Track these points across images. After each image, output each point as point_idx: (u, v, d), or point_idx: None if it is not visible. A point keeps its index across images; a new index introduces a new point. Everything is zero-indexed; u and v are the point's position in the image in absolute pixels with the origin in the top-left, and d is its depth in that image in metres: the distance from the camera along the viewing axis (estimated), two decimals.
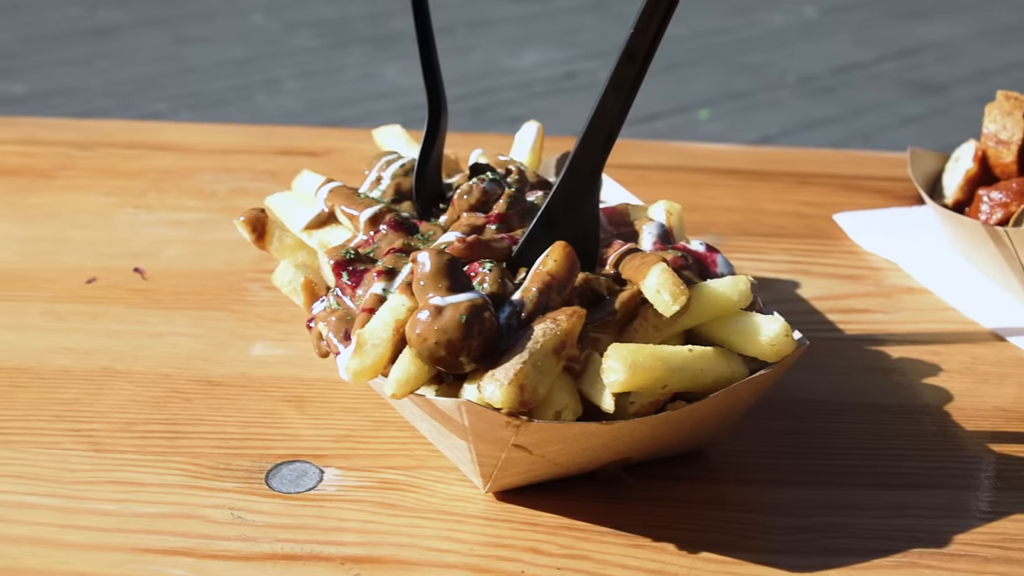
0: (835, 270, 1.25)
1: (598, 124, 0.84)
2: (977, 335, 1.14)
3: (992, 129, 1.20)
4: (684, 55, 5.91)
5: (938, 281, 1.22)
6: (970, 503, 0.89)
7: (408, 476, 0.90)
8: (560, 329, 0.80)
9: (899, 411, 1.00)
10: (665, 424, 0.82)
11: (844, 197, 1.43)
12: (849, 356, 1.09)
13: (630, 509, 0.86)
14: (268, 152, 1.54)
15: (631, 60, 0.82)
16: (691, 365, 0.82)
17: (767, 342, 0.83)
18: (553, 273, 0.83)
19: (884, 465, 0.93)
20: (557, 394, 0.80)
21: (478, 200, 0.97)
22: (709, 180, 1.46)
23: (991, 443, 0.97)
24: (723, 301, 0.86)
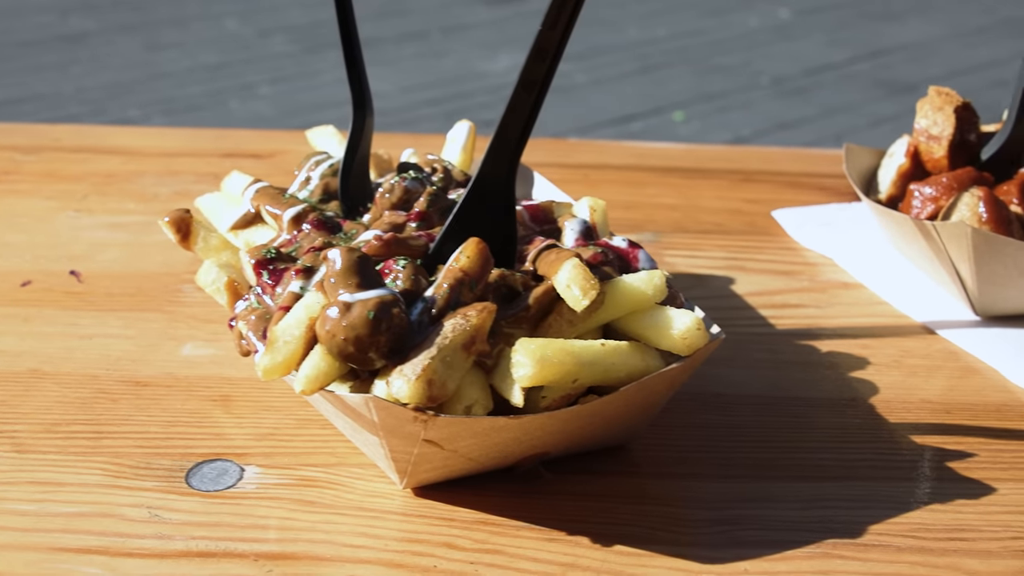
0: (771, 266, 1.25)
1: (510, 121, 0.85)
2: (908, 329, 1.14)
3: (923, 124, 1.21)
4: (659, 57, 5.93)
5: (872, 276, 1.23)
6: (887, 494, 0.89)
7: (328, 473, 0.90)
8: (470, 325, 0.80)
9: (824, 404, 1.01)
10: (576, 418, 0.83)
11: (787, 194, 1.44)
12: (779, 350, 1.09)
13: (547, 503, 0.87)
14: (214, 155, 1.54)
15: (541, 57, 0.83)
16: (602, 359, 0.82)
17: (679, 336, 0.84)
18: (465, 269, 0.84)
19: (805, 458, 0.94)
20: (467, 389, 0.81)
21: (400, 198, 0.97)
22: (652, 179, 1.46)
23: (913, 435, 0.97)
24: (638, 296, 0.86)
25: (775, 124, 5.11)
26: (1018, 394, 1.04)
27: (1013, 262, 1.09)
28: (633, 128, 5.25)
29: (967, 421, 1.00)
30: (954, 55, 5.73)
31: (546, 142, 1.60)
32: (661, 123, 5.28)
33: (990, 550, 0.83)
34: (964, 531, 0.85)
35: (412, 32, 6.14)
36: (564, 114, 5.33)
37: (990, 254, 1.08)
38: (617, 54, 5.94)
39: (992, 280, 1.10)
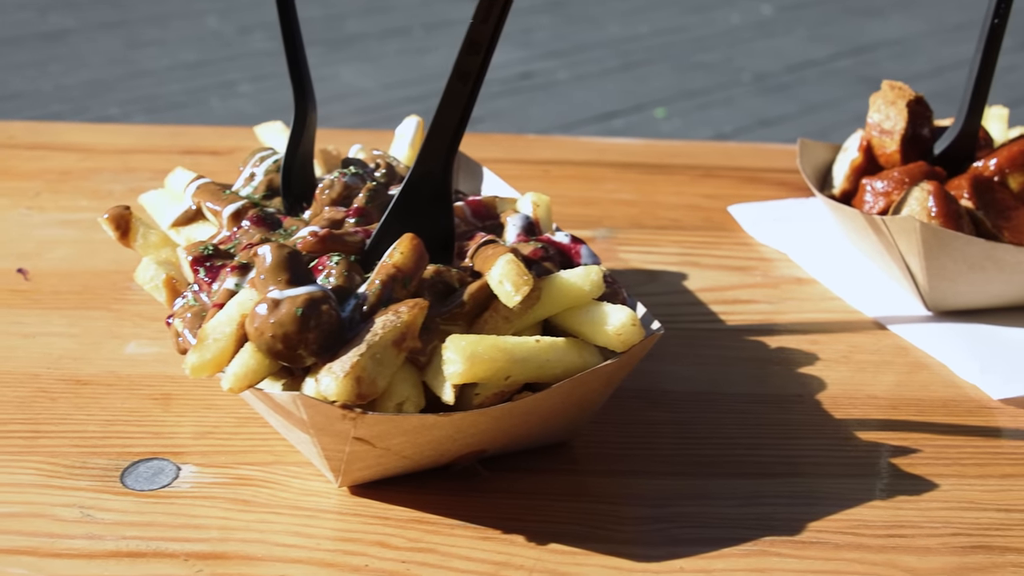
0: (725, 261, 1.25)
1: (446, 116, 0.84)
2: (859, 324, 1.14)
3: (876, 119, 1.20)
4: (641, 53, 5.93)
5: (826, 271, 1.22)
6: (829, 491, 0.89)
7: (265, 472, 0.89)
8: (401, 321, 0.79)
9: (771, 401, 1.00)
10: (509, 415, 0.82)
11: (745, 189, 1.43)
12: (728, 347, 1.09)
13: (483, 502, 0.86)
14: (172, 152, 1.53)
15: (474, 50, 0.82)
16: (536, 356, 0.82)
17: (613, 332, 0.83)
18: (399, 265, 0.83)
19: (747, 454, 0.93)
20: (399, 386, 0.80)
21: (339, 194, 0.96)
22: (611, 174, 1.45)
23: (858, 431, 0.97)
24: (575, 291, 0.85)
25: (757, 121, 5.11)
26: (966, 389, 1.04)
27: (962, 256, 1.08)
28: (615, 125, 5.25)
29: (913, 417, 0.99)
30: (936, 51, 5.73)
31: (505, 138, 1.59)
32: (643, 120, 5.28)
33: (928, 547, 0.83)
34: (903, 527, 0.85)
35: (395, 28, 6.13)
36: (546, 111, 5.32)
37: (939, 248, 1.08)
38: (599, 51, 5.93)
39: (942, 275, 1.10)
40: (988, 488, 0.90)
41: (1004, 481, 0.91)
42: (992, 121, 1.31)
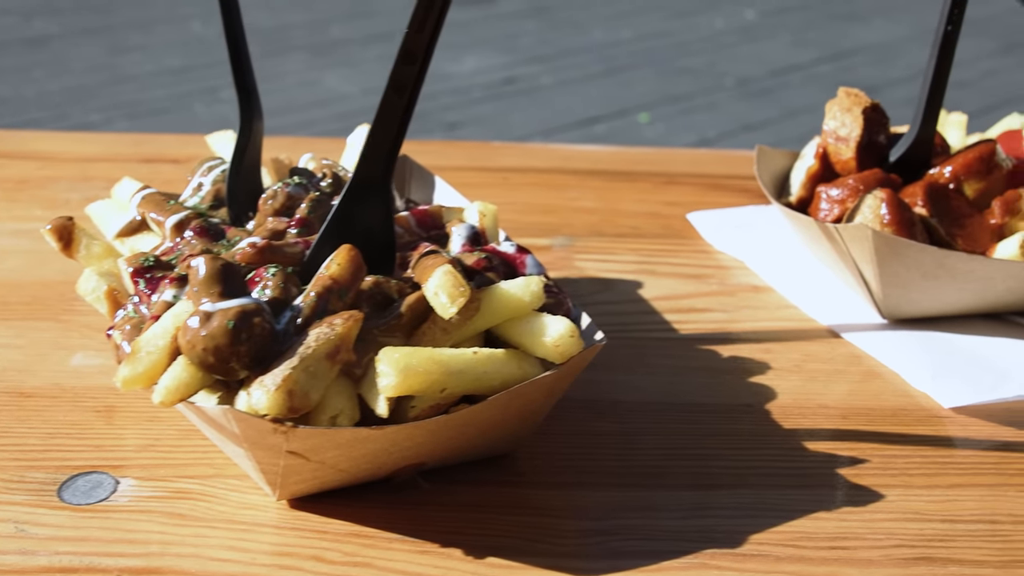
0: (682, 270, 1.24)
1: (383, 126, 0.83)
2: (813, 332, 1.13)
3: (832, 126, 1.20)
4: (624, 59, 5.93)
5: (782, 279, 1.22)
6: (774, 502, 0.88)
7: (204, 485, 0.88)
8: (335, 334, 0.78)
9: (720, 410, 1.00)
10: (445, 428, 0.81)
11: (708, 196, 1.43)
12: (680, 356, 1.08)
13: (423, 515, 0.85)
14: (132, 160, 1.52)
15: (410, 60, 0.81)
16: (473, 368, 0.81)
17: (551, 343, 0.82)
18: (335, 277, 0.82)
19: (694, 465, 0.92)
20: (333, 399, 0.79)
21: (283, 204, 0.95)
22: (574, 182, 1.45)
23: (807, 441, 0.96)
24: (515, 302, 0.85)
25: (740, 126, 5.11)
26: (917, 398, 1.03)
27: (915, 264, 1.07)
28: (598, 130, 5.25)
29: (863, 426, 0.99)
30: (917, 56, 5.74)
31: (469, 145, 1.59)
32: (626, 125, 5.28)
33: (871, 559, 0.82)
34: (846, 539, 0.84)
35: (378, 34, 6.12)
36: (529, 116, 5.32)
37: (892, 256, 1.07)
38: (582, 56, 5.93)
39: (895, 283, 1.09)
40: (934, 499, 0.90)
41: (951, 491, 0.91)
42: (950, 128, 1.30)
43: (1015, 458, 0.96)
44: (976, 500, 0.90)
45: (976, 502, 0.90)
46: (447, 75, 5.75)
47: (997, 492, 0.91)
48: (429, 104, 5.36)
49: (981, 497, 0.90)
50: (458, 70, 5.80)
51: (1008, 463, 0.95)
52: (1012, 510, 0.89)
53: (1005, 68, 5.48)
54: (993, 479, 0.93)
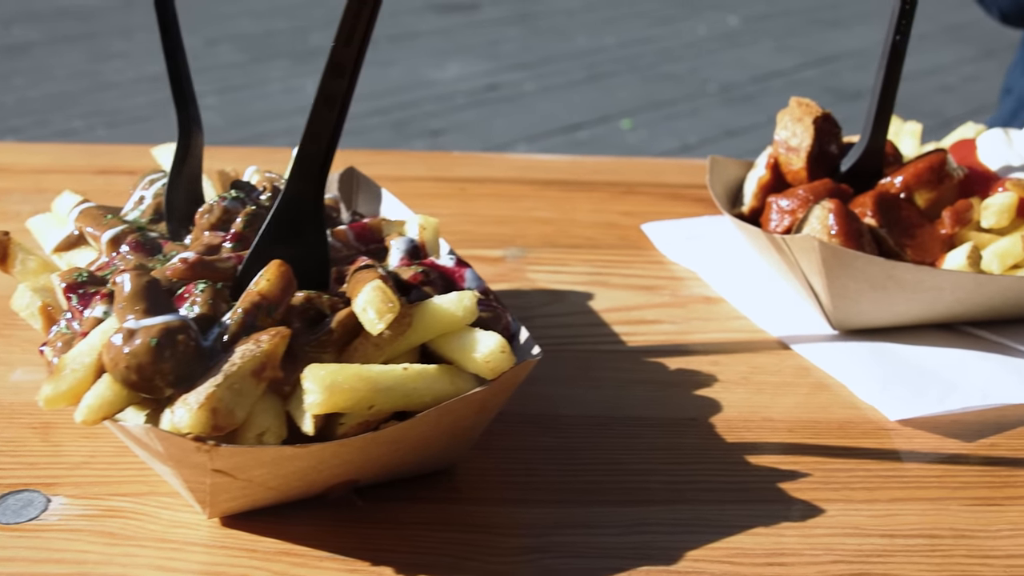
0: (634, 281, 1.23)
1: (314, 141, 0.82)
2: (762, 344, 1.12)
3: (783, 136, 1.19)
4: (607, 65, 5.93)
5: (735, 290, 1.21)
6: (712, 517, 0.87)
7: (136, 503, 0.87)
8: (261, 351, 0.77)
9: (663, 424, 0.99)
10: (373, 445, 0.80)
11: (665, 206, 1.42)
12: (626, 369, 1.07)
13: (356, 532, 0.84)
14: (87, 172, 1.51)
15: (339, 73, 0.80)
16: (403, 384, 0.80)
17: (481, 359, 0.81)
18: (264, 293, 0.81)
19: (633, 480, 0.92)
20: (259, 416, 0.78)
21: (219, 219, 0.94)
22: (531, 192, 1.44)
23: (750, 455, 0.95)
24: (448, 317, 0.84)
25: (722, 131, 5.11)
26: (864, 411, 1.02)
27: (863, 276, 1.07)
28: (580, 136, 5.25)
29: (808, 440, 0.98)
30: None
31: (428, 155, 1.58)
32: (609, 131, 5.28)
33: (806, 574, 0.81)
34: (783, 555, 0.83)
35: None
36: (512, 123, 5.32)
37: (839, 268, 1.06)
38: (566, 63, 5.93)
39: (844, 294, 1.09)
40: (875, 513, 0.89)
41: (891, 506, 0.90)
42: (905, 137, 1.30)
43: (959, 471, 0.95)
44: (917, 515, 0.89)
45: (917, 516, 0.89)
46: (430, 82, 5.74)
47: (939, 506, 0.90)
48: (412, 111, 5.36)
49: (923, 511, 0.89)
50: (441, 77, 5.80)
51: (952, 476, 0.94)
52: (953, 524, 0.88)
53: (986, 73, 5.49)
54: (936, 492, 0.92)
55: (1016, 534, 0.88)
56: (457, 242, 1.30)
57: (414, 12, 6.52)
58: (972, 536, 0.87)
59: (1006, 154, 1.20)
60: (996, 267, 1.10)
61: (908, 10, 1.12)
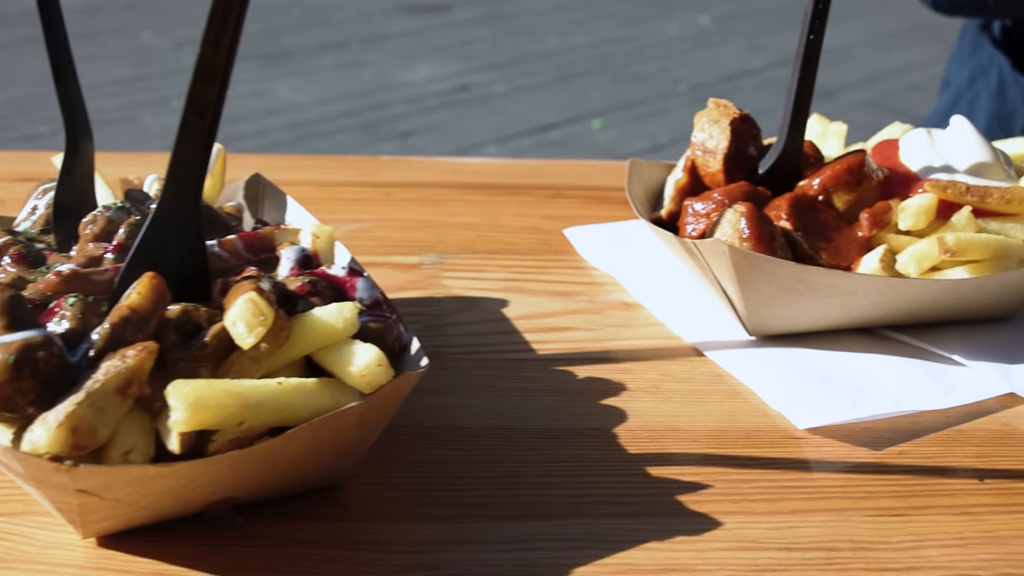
0: (552, 287, 1.21)
1: (187, 150, 0.80)
2: (676, 351, 1.10)
3: (700, 138, 1.17)
4: (578, 65, 5.91)
5: (653, 296, 1.19)
6: (605, 532, 0.85)
7: (11, 523, 0.84)
8: (126, 367, 0.75)
9: (565, 435, 0.96)
10: (244, 462, 0.77)
11: (592, 210, 1.40)
12: (533, 378, 1.05)
13: (236, 551, 0.82)
14: (8, 179, 1.48)
15: (209, 80, 0.78)
16: (275, 399, 0.77)
17: (357, 372, 0.79)
18: (134, 307, 0.79)
19: (527, 495, 0.89)
20: (126, 434, 0.75)
21: (103, 229, 0.92)
22: (456, 196, 1.42)
23: (651, 466, 0.93)
24: (327, 329, 0.81)
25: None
26: (774, 419, 1.00)
27: (775, 280, 1.05)
28: (551, 137, 5.23)
29: (712, 450, 0.96)
30: (870, 60, 5.74)
31: (357, 160, 1.55)
32: (579, 131, 5.26)
33: None
34: (675, 571, 0.81)
35: (332, 43, 6.09)
36: (482, 124, 5.30)
37: (751, 272, 1.04)
38: (537, 63, 5.91)
39: (757, 299, 1.07)
40: (774, 525, 0.87)
41: (792, 518, 0.88)
42: (831, 138, 1.28)
43: (864, 480, 0.93)
44: (817, 526, 0.87)
45: (817, 528, 0.87)
46: (400, 83, 5.72)
47: (840, 517, 0.88)
48: (382, 113, 5.33)
49: (823, 523, 0.87)
50: (411, 78, 5.77)
51: (856, 486, 0.92)
52: (853, 536, 0.86)
53: None
54: (838, 503, 0.90)
55: (918, 545, 0.86)
56: (376, 248, 1.28)
57: (385, 14, 6.50)
58: (871, 548, 0.85)
59: (928, 155, 1.18)
60: (913, 270, 1.08)
61: (821, 9, 1.10)
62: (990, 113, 1.84)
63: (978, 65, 1.87)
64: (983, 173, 1.17)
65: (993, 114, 1.84)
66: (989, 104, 1.84)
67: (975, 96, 1.87)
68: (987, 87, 1.84)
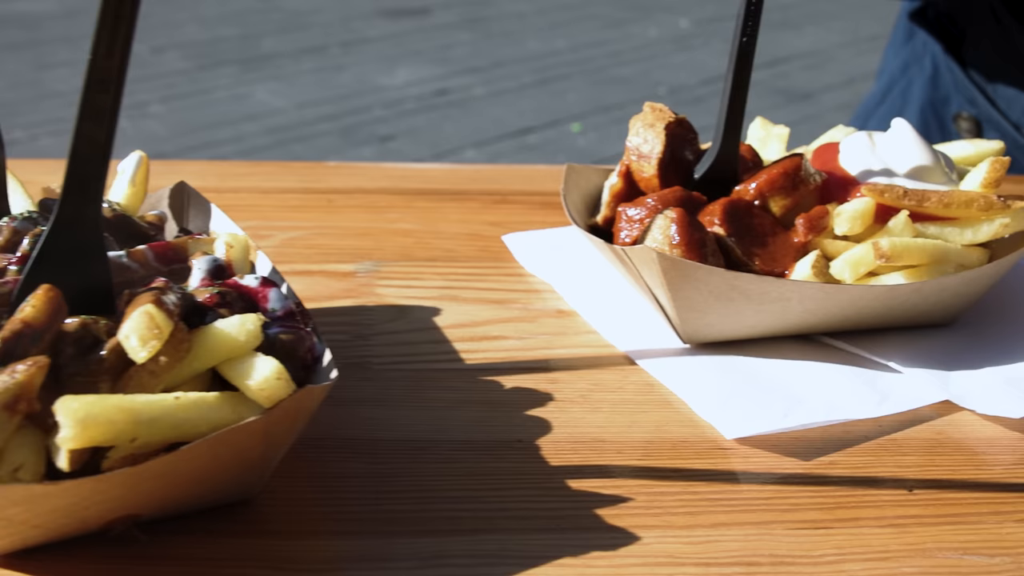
0: (487, 295, 1.19)
1: (83, 160, 0.77)
2: (607, 360, 1.08)
3: (635, 142, 1.15)
4: (558, 69, 5.90)
5: (589, 304, 1.17)
6: (517, 548, 0.83)
7: None
8: (14, 382, 0.73)
9: (487, 447, 0.94)
10: (137, 480, 0.75)
11: (536, 215, 1.38)
12: (459, 388, 1.02)
13: (140, 570, 0.80)
14: None
15: (103, 87, 0.76)
16: (171, 415, 0.75)
17: (256, 386, 0.77)
18: (28, 320, 0.76)
19: (442, 509, 0.87)
20: (14, 451, 0.73)
21: (8, 240, 0.90)
22: (399, 202, 1.40)
23: (572, 479, 0.91)
24: (229, 342, 0.80)
25: None
26: (703, 429, 0.98)
27: (706, 287, 1.03)
28: (530, 140, 5.22)
29: (637, 461, 0.94)
30: (849, 62, 5.73)
31: (302, 166, 1.53)
32: (558, 135, 5.25)
33: None
34: None
35: (311, 47, 6.07)
36: (461, 128, 5.28)
37: (681, 280, 1.02)
38: (516, 66, 5.90)
39: (689, 306, 1.05)
40: (693, 540, 0.85)
41: (712, 531, 0.86)
42: (772, 141, 1.26)
43: (790, 492, 0.91)
44: (738, 540, 0.85)
45: (738, 543, 0.85)
46: (379, 87, 5.70)
47: (763, 530, 0.86)
48: (361, 117, 5.31)
49: (744, 537, 0.85)
50: (390, 82, 5.76)
51: (782, 498, 0.90)
52: (774, 550, 0.84)
53: None
54: (762, 516, 0.88)
55: (841, 559, 0.84)
56: (312, 256, 1.26)
57: (364, 18, 6.48)
58: (792, 563, 0.83)
59: (868, 158, 1.16)
60: (848, 276, 1.06)
61: (753, 11, 1.09)
62: (923, 100, 1.83)
63: (911, 53, 1.86)
64: (923, 176, 1.15)
65: (927, 101, 1.83)
66: (923, 91, 1.83)
67: (908, 83, 1.86)
68: (920, 74, 1.83)
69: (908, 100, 1.85)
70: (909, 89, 1.85)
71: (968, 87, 1.77)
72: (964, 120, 1.78)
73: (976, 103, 1.77)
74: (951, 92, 1.80)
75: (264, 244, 1.27)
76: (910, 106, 1.85)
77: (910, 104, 1.85)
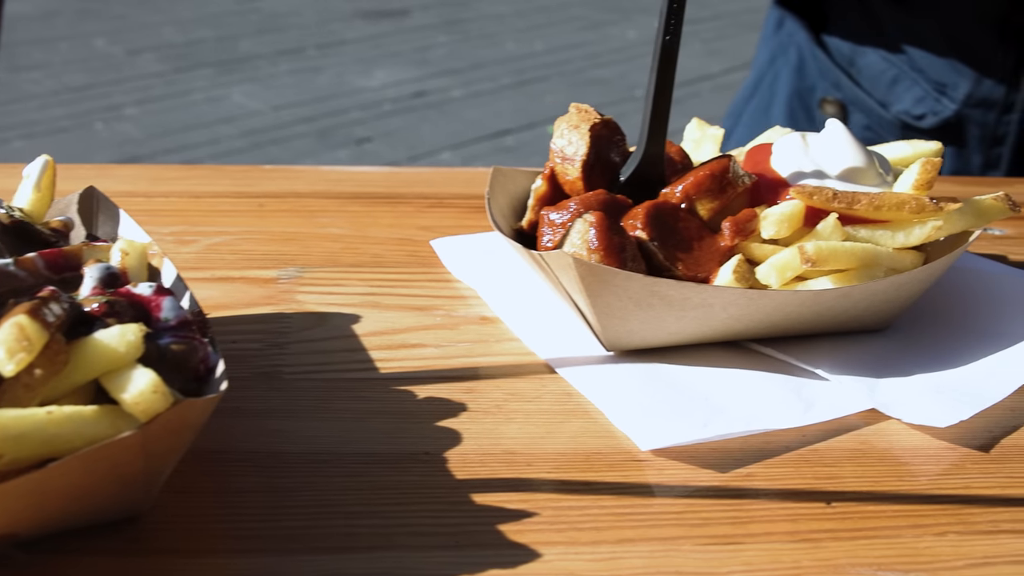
0: (409, 301, 1.16)
1: None
2: (527, 368, 1.05)
3: (559, 144, 1.12)
4: (535, 71, 5.87)
5: (513, 310, 1.14)
6: (414, 565, 0.80)
7: None
8: None
9: (392, 460, 0.91)
10: (7, 498, 0.72)
11: (471, 220, 1.35)
12: (370, 399, 0.99)
13: None
14: None
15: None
16: (41, 430, 0.72)
17: (131, 400, 0.74)
18: None
19: (342, 525, 0.84)
20: None
21: None
22: (333, 206, 1.37)
23: (478, 493, 0.88)
24: (109, 354, 0.77)
25: None
26: (620, 440, 0.96)
27: (625, 293, 1.00)
28: (507, 142, 5.19)
29: (547, 474, 0.91)
30: None
31: (235, 170, 1.50)
32: (535, 137, 5.23)
33: None
34: None
35: (288, 49, 6.03)
36: (438, 130, 5.25)
37: (599, 286, 0.99)
38: (494, 68, 5.87)
39: (610, 313, 1.02)
40: (597, 557, 0.82)
41: (617, 548, 0.83)
42: (706, 143, 1.24)
43: (703, 505, 0.88)
44: (643, 557, 0.82)
45: (643, 559, 0.82)
46: (356, 89, 5.67)
47: (670, 547, 0.83)
48: (338, 119, 5.28)
49: (650, 553, 0.83)
50: (367, 84, 5.73)
51: (693, 512, 0.87)
52: (680, 567, 0.81)
53: None
54: (671, 531, 0.85)
55: None
56: (236, 262, 1.23)
57: (342, 19, 6.44)
58: None
59: (800, 160, 1.14)
60: (774, 281, 1.03)
61: (676, 9, 1.06)
62: (790, 90, 1.82)
63: (778, 44, 1.85)
64: (856, 178, 1.12)
65: (793, 91, 1.82)
66: (789, 81, 1.82)
67: (775, 76, 1.85)
68: (787, 64, 1.82)
69: (776, 92, 1.84)
70: (776, 81, 1.84)
71: (832, 71, 1.77)
72: (830, 104, 1.78)
73: (841, 86, 1.77)
74: (816, 79, 1.80)
75: (187, 250, 1.24)
76: (778, 98, 1.84)
77: (778, 96, 1.85)
